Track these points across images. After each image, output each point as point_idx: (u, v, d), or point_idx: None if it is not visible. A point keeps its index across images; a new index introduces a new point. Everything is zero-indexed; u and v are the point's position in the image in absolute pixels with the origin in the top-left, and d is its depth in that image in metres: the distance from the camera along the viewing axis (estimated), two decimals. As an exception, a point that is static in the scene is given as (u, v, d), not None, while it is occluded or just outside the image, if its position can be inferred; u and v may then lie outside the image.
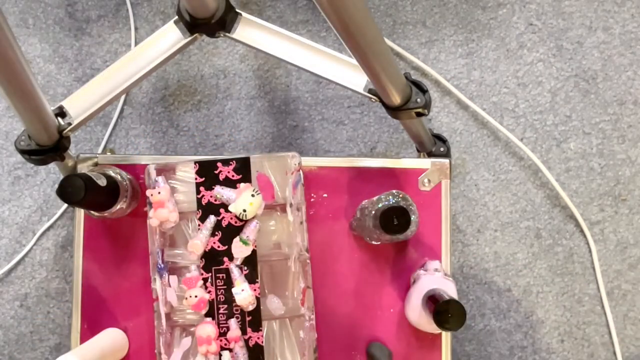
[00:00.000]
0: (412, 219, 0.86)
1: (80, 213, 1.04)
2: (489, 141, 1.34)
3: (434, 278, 0.97)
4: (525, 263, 1.32)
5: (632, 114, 1.35)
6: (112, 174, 0.97)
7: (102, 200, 0.92)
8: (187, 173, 0.98)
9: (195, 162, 0.97)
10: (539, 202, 1.33)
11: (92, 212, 0.99)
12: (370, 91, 0.97)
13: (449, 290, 0.93)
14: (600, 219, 1.33)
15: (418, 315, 0.95)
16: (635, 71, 1.35)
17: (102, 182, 0.90)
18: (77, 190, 0.84)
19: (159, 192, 0.95)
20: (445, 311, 0.84)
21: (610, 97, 1.35)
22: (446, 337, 1.03)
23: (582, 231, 1.33)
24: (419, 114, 0.95)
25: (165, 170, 0.98)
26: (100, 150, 1.33)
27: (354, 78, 0.99)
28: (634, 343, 1.31)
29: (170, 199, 0.96)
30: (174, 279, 0.96)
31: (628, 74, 1.35)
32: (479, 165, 1.34)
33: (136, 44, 1.35)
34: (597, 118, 1.35)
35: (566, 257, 1.33)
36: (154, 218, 0.95)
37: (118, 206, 0.95)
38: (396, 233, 0.86)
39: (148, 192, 0.95)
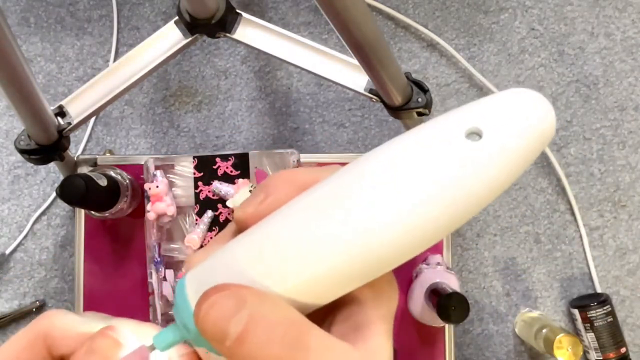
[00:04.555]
0: None
1: (80, 213, 1.04)
2: (489, 145, 1.34)
3: (436, 272, 0.98)
4: (524, 268, 1.32)
5: (632, 120, 1.34)
6: (113, 174, 0.97)
7: (103, 200, 0.93)
8: (185, 168, 0.98)
9: (194, 157, 0.98)
10: (538, 207, 1.33)
11: (93, 212, 0.99)
12: (371, 91, 0.97)
13: (451, 283, 0.93)
14: (599, 224, 1.33)
15: (421, 309, 0.96)
16: (636, 77, 1.35)
17: (103, 182, 0.90)
18: (77, 191, 0.84)
19: (157, 186, 0.95)
20: (448, 304, 0.84)
21: (611, 103, 1.35)
22: (449, 330, 1.04)
23: (581, 236, 1.33)
24: (420, 114, 0.95)
25: (164, 165, 0.98)
26: (79, 151, 1.33)
27: (355, 78, 0.98)
28: (632, 349, 1.30)
29: (168, 192, 0.96)
30: (170, 273, 0.96)
31: (629, 80, 1.35)
32: (479, 169, 1.33)
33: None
34: (598, 124, 1.35)
35: (565, 263, 1.32)
36: (152, 211, 0.95)
37: (119, 206, 0.95)
38: None
39: (146, 186, 0.95)
